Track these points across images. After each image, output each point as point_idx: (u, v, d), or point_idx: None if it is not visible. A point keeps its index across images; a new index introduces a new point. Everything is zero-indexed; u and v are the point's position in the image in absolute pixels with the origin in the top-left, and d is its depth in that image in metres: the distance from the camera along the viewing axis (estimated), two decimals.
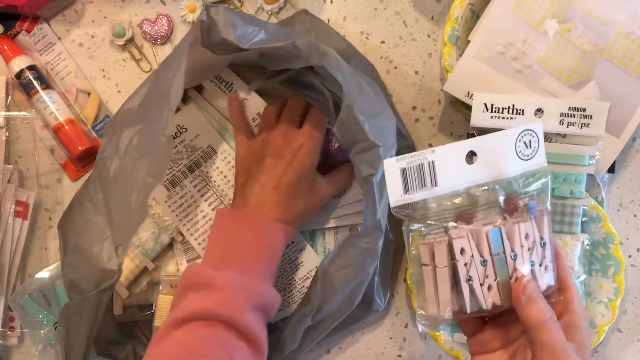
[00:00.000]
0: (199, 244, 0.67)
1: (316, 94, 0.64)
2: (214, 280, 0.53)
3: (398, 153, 0.65)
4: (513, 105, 0.61)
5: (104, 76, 0.72)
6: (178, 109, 0.66)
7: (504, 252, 0.47)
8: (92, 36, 0.72)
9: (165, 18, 0.70)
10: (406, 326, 0.70)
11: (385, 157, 0.55)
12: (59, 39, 0.72)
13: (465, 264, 0.47)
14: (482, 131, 0.63)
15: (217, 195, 0.67)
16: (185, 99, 0.67)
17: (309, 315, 0.59)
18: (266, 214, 0.58)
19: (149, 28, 0.70)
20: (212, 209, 0.66)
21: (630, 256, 0.68)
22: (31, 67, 0.69)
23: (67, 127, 0.69)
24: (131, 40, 0.71)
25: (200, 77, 0.66)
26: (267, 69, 0.65)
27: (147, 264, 0.65)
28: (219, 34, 0.55)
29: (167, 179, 0.66)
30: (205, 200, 0.67)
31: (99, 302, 0.54)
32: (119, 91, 0.72)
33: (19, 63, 0.69)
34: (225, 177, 0.67)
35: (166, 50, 0.71)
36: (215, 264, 0.56)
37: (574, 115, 0.61)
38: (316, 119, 0.63)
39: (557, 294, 0.49)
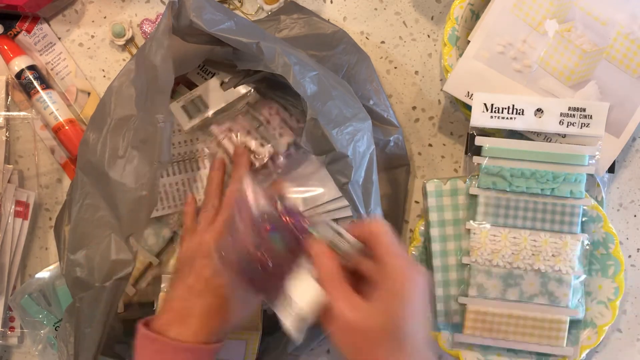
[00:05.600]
0: None
1: (292, 96, 0.63)
2: None
3: (389, 143, 0.66)
4: (513, 105, 0.61)
5: (104, 76, 0.72)
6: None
7: None
8: (92, 36, 0.72)
9: None
10: None
11: (360, 163, 0.55)
12: (59, 39, 0.72)
13: None
14: (482, 131, 0.64)
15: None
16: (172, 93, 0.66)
17: None
18: (190, 336, 0.51)
19: (149, 28, 0.70)
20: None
21: (630, 256, 0.68)
22: (31, 67, 0.69)
23: (67, 127, 0.69)
24: (131, 40, 0.71)
25: (176, 69, 0.65)
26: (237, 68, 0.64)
27: (152, 259, 0.65)
28: (187, 17, 0.54)
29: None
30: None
31: (115, 292, 0.53)
32: None
33: (19, 63, 0.69)
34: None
35: None
36: None
37: (574, 115, 0.61)
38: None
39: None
